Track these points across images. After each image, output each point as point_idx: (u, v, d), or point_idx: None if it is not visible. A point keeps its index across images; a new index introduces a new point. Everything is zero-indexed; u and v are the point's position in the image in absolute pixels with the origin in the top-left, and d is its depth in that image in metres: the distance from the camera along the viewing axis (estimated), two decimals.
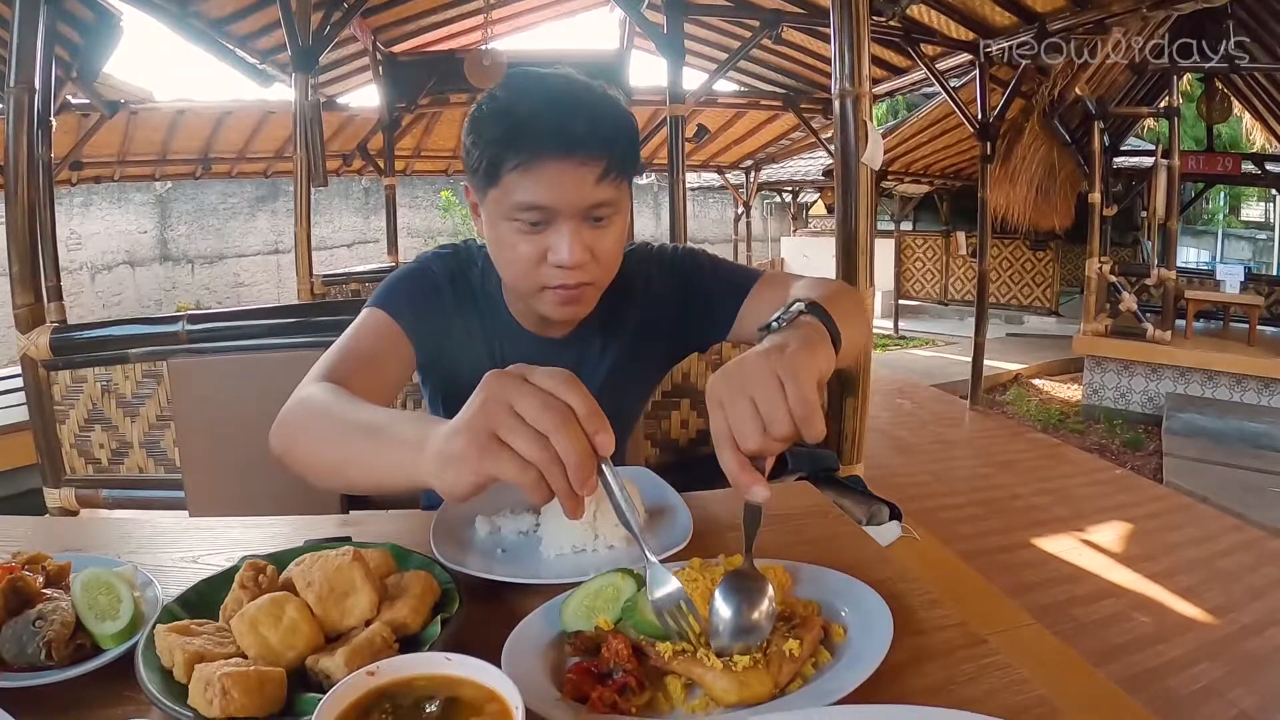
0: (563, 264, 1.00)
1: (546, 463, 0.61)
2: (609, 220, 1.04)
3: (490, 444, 0.62)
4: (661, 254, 1.29)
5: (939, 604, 0.80)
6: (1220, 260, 12.91)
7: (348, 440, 0.82)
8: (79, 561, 0.84)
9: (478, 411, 0.63)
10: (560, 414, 0.62)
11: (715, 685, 0.64)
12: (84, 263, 10.43)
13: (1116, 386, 6.68)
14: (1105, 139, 6.89)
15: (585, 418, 0.63)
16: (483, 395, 0.64)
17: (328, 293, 5.34)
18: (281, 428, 0.92)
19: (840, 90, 2.30)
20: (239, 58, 6.25)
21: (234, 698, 0.57)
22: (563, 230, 1.00)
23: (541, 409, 0.62)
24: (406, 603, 0.70)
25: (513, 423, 0.62)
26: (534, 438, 0.61)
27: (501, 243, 1.04)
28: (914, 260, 12.18)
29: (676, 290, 1.25)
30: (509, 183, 0.99)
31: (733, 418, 0.69)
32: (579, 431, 0.62)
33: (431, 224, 13.26)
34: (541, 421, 0.61)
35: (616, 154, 1.00)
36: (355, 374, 1.00)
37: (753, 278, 1.22)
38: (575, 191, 0.98)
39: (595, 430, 0.63)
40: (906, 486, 4.64)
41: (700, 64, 8.07)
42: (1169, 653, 2.83)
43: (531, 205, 0.98)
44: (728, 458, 0.69)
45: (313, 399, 0.91)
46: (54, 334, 2.44)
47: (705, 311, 1.24)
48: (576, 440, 0.61)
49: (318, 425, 0.88)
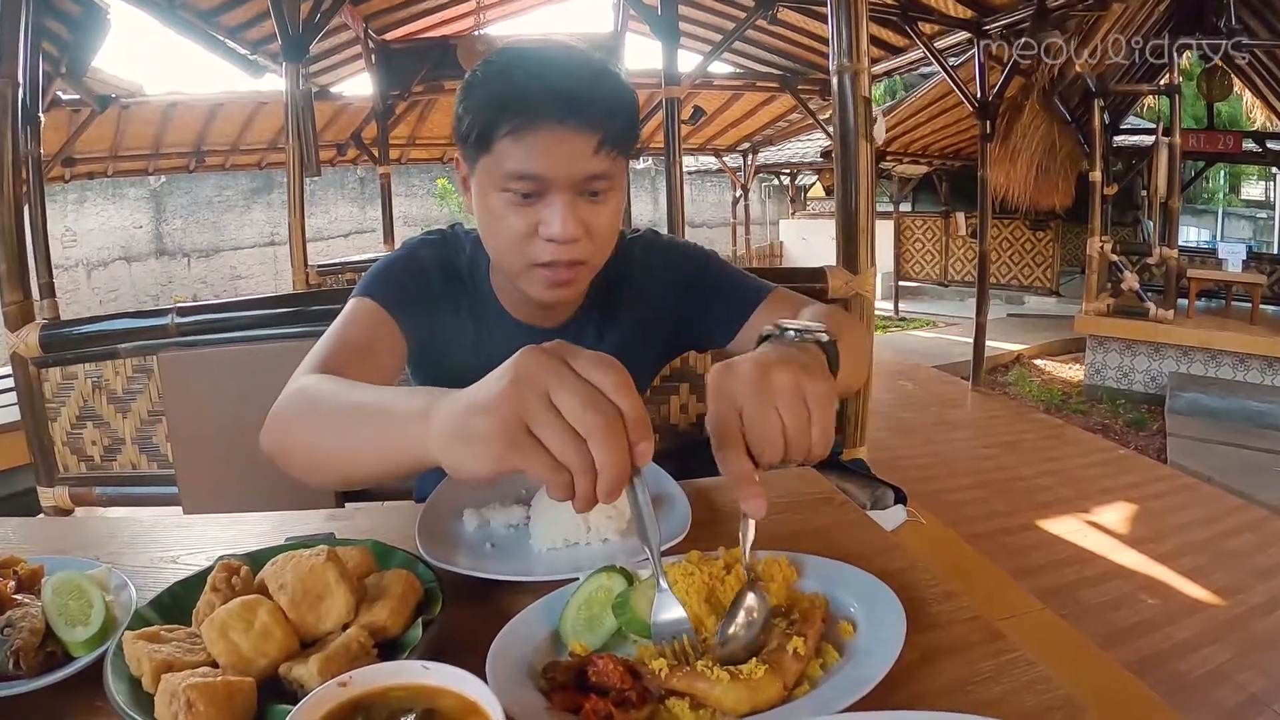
0: (555, 238, 0.95)
1: (581, 470, 0.54)
2: (604, 195, 0.99)
3: (520, 435, 0.54)
4: (671, 247, 1.23)
5: (953, 596, 0.76)
6: (1221, 239, 12.84)
7: (344, 421, 0.76)
8: (53, 564, 0.80)
9: (508, 393, 0.55)
10: (606, 417, 0.54)
11: (724, 698, 0.59)
12: (79, 259, 10.38)
13: (1119, 366, 6.65)
14: (1105, 117, 6.83)
15: (633, 424, 0.55)
16: (514, 373, 0.56)
17: (323, 283, 5.29)
18: (273, 425, 0.86)
19: (838, 66, 2.24)
20: (229, 49, 6.22)
21: (200, 710, 0.54)
22: (555, 202, 0.94)
23: (584, 408, 0.54)
24: (386, 604, 0.66)
25: (549, 417, 0.54)
26: (571, 439, 0.54)
27: (491, 214, 0.99)
28: (913, 241, 12.12)
29: (681, 289, 1.20)
30: (501, 150, 0.94)
31: (758, 427, 0.63)
32: (623, 439, 0.54)
33: (428, 212, 13.20)
34: (583, 422, 0.53)
35: (615, 125, 0.94)
36: (349, 365, 0.95)
37: (763, 292, 1.17)
38: (570, 161, 0.93)
39: (639, 439, 0.55)
40: (909, 469, 4.61)
41: (695, 46, 8.01)
42: (1177, 635, 2.81)
43: (524, 174, 0.93)
44: (737, 465, 0.63)
45: (304, 390, 0.85)
46: (43, 331, 2.40)
47: (708, 318, 1.19)
48: (619, 452, 0.54)
49: (311, 415, 0.82)
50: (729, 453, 0.64)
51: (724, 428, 0.64)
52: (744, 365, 0.66)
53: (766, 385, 0.64)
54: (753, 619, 0.66)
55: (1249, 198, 15.83)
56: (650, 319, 1.21)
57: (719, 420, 0.65)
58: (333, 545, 0.70)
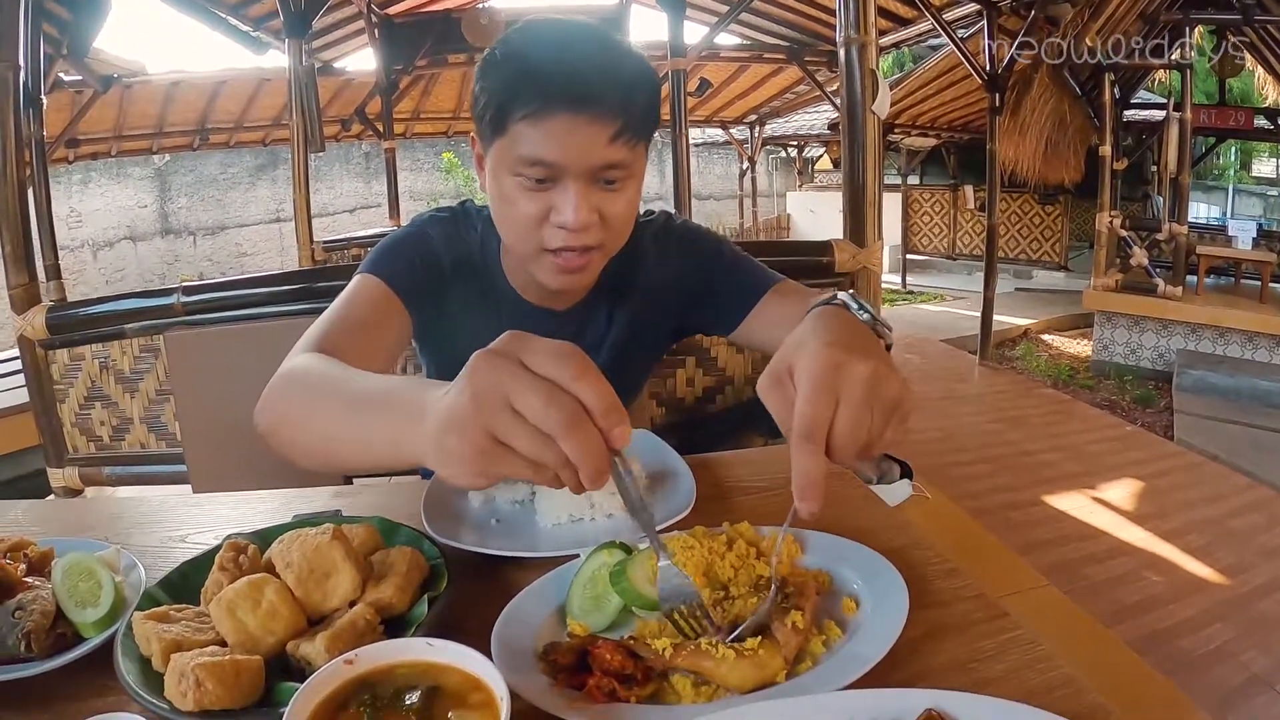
0: (566, 225, 0.94)
1: (558, 465, 0.53)
2: (620, 184, 0.97)
3: (491, 447, 0.53)
4: (684, 233, 1.22)
5: (957, 573, 0.76)
6: (1231, 216, 12.72)
7: (338, 411, 0.73)
8: (63, 546, 0.81)
9: (469, 407, 0.53)
10: (569, 413, 0.52)
11: (729, 676, 0.59)
12: (85, 240, 10.39)
13: (1127, 342, 6.61)
14: (1115, 91, 6.74)
15: (601, 414, 0.53)
16: (470, 387, 0.54)
17: (329, 259, 5.28)
18: (267, 403, 0.84)
19: (845, 38, 2.21)
20: (231, 26, 6.18)
21: (208, 689, 0.54)
22: (569, 190, 0.93)
23: (545, 406, 0.52)
24: (392, 581, 0.67)
25: (514, 424, 0.52)
26: (540, 440, 0.52)
27: (503, 198, 0.97)
28: (921, 214, 12.04)
29: (691, 275, 1.19)
30: (515, 134, 0.92)
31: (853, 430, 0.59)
32: (592, 432, 0.52)
33: (433, 186, 13.15)
34: (547, 421, 0.52)
35: (633, 113, 0.92)
36: (349, 343, 0.94)
37: (767, 283, 1.15)
38: (585, 149, 0.91)
39: (612, 425, 0.53)
40: (916, 443, 4.60)
41: (701, 17, 7.92)
42: (1181, 613, 2.81)
43: (537, 160, 0.91)
44: (815, 464, 0.58)
45: (299, 370, 0.83)
46: (49, 313, 2.42)
47: (714, 306, 1.19)
48: (588, 443, 0.52)
49: (306, 398, 0.79)
50: (810, 446, 0.59)
51: (817, 420, 0.59)
52: (857, 364, 0.61)
53: (876, 392, 0.60)
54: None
55: (1260, 175, 15.64)
56: (659, 303, 1.20)
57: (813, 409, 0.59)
58: (339, 523, 0.71)
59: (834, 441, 0.59)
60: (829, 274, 2.24)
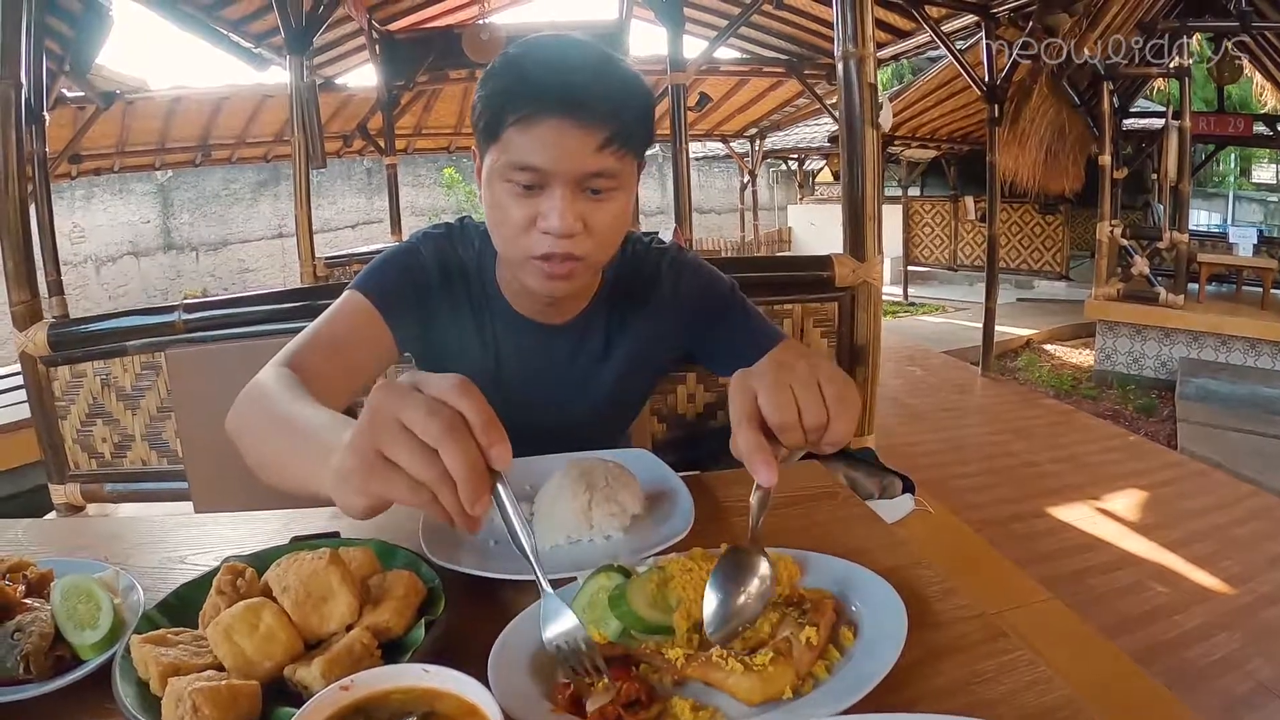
0: (551, 231, 0.95)
1: (436, 481, 0.55)
2: (608, 195, 0.98)
3: (377, 463, 0.56)
4: (698, 271, 1.22)
5: (955, 593, 0.76)
6: (1231, 223, 12.74)
7: (275, 435, 0.78)
8: (62, 567, 0.81)
9: (364, 427, 0.57)
10: (447, 420, 0.56)
11: (738, 687, 0.60)
12: (88, 255, 10.45)
13: (1129, 351, 6.60)
14: (1114, 100, 6.75)
15: (480, 428, 0.57)
16: (369, 410, 0.58)
17: (331, 274, 5.30)
18: (233, 410, 0.89)
19: (843, 52, 2.23)
20: (233, 42, 6.22)
21: (205, 714, 0.54)
22: (555, 196, 0.94)
23: (428, 417, 0.55)
24: (389, 605, 0.67)
25: (400, 436, 0.55)
26: (421, 453, 0.55)
27: (495, 204, 0.99)
28: (922, 226, 12.04)
29: (698, 316, 1.19)
30: (507, 139, 0.94)
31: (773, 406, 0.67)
32: (470, 442, 0.56)
33: (435, 202, 13.20)
34: (429, 431, 0.55)
35: (623, 122, 0.93)
36: (318, 360, 0.97)
37: (775, 340, 1.14)
38: (572, 156, 0.92)
39: (491, 442, 0.57)
40: (918, 455, 4.60)
41: (700, 32, 7.96)
42: (1186, 623, 2.79)
43: (525, 165, 0.93)
44: (748, 436, 0.66)
45: (260, 385, 0.87)
46: (51, 329, 2.42)
47: (721, 350, 1.20)
48: (466, 451, 0.55)
49: (257, 417, 0.84)
50: (743, 427, 0.67)
51: (740, 407, 0.68)
52: (761, 361, 0.73)
53: (780, 369, 0.70)
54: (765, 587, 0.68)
55: (1260, 181, 15.69)
56: (662, 333, 1.20)
57: (735, 401, 0.69)
58: (337, 545, 0.71)
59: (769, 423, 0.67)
60: (829, 289, 2.25)
